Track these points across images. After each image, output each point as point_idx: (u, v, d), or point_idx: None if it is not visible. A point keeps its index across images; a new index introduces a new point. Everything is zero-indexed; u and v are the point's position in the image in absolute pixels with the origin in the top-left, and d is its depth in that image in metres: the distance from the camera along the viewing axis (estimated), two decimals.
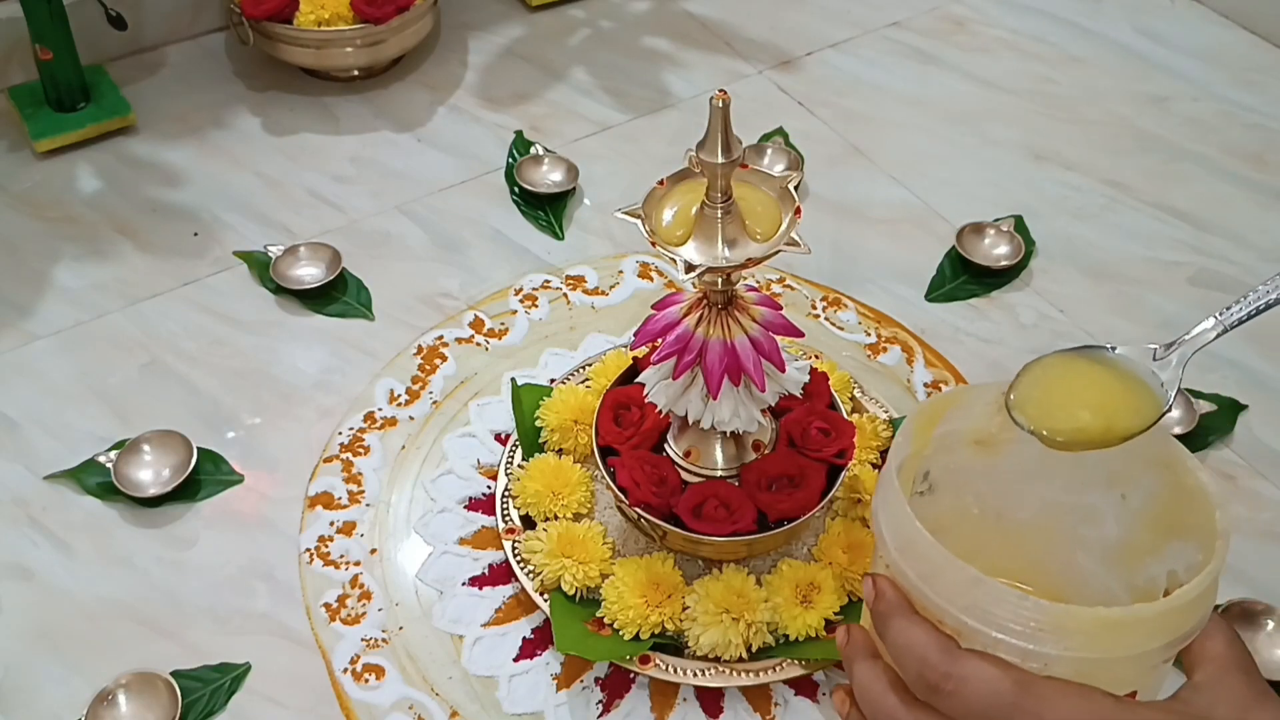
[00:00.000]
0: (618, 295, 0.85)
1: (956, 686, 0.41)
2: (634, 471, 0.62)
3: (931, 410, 0.49)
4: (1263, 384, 0.80)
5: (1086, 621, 0.41)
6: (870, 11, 1.15)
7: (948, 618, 0.43)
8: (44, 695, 0.62)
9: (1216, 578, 0.43)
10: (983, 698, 0.40)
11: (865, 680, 0.45)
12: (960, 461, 0.52)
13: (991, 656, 0.41)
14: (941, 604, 0.43)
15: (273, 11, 0.95)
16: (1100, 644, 0.41)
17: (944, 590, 0.43)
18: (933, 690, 0.42)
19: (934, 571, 0.43)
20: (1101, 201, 0.95)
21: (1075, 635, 0.41)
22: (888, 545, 0.46)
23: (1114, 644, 0.41)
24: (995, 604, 0.41)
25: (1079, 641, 0.41)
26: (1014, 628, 0.41)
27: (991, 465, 0.52)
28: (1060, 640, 0.41)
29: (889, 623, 0.44)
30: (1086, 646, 0.41)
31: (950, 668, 0.41)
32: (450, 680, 0.63)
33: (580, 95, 1.03)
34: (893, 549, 0.45)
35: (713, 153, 0.53)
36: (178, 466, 0.71)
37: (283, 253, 0.85)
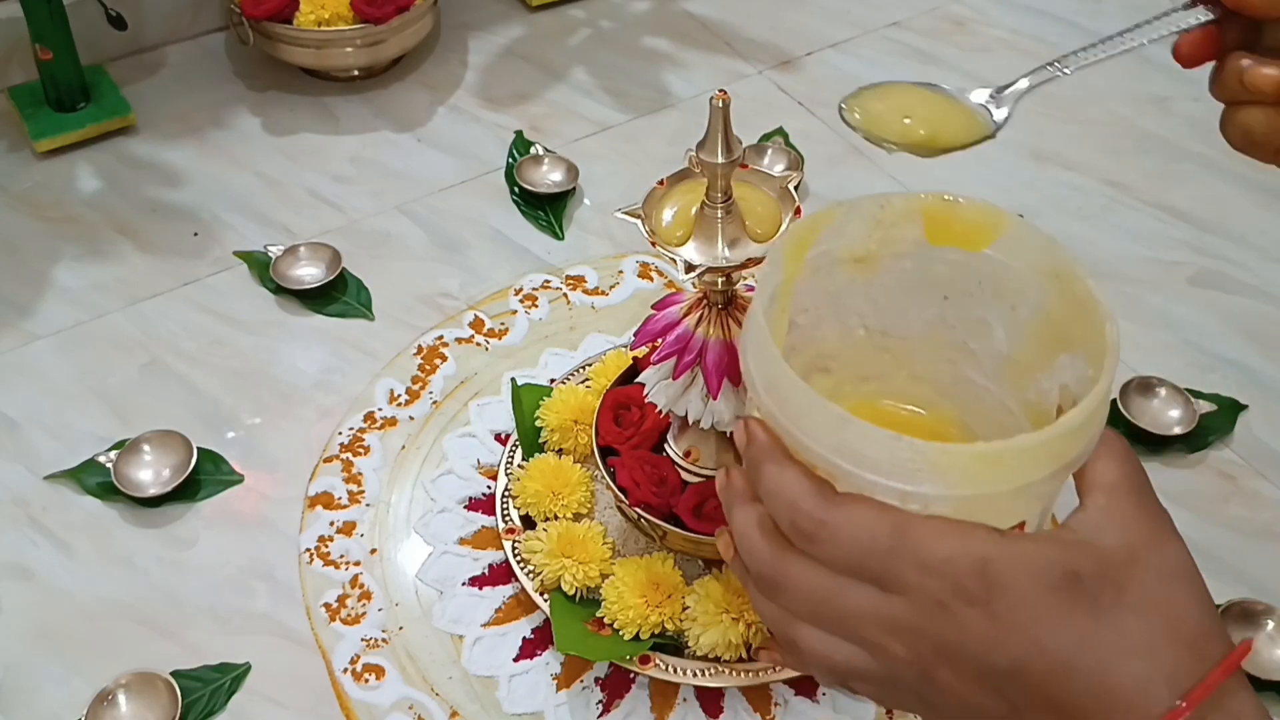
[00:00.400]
0: (618, 295, 0.85)
1: (831, 533, 0.39)
2: (634, 471, 0.63)
3: (802, 232, 0.46)
4: (1263, 384, 0.80)
5: (963, 458, 0.38)
6: (870, 11, 1.15)
7: (820, 461, 0.40)
8: (44, 695, 0.62)
9: (1105, 398, 0.41)
10: (858, 543, 0.39)
11: (742, 524, 0.43)
12: (838, 283, 0.49)
13: (868, 499, 0.39)
14: (813, 446, 0.40)
15: (273, 11, 0.95)
16: (980, 479, 0.39)
17: (814, 432, 0.40)
18: (807, 537, 0.40)
19: (801, 412, 0.40)
20: (1101, 201, 0.95)
21: (952, 473, 0.38)
22: (756, 386, 0.43)
23: (995, 478, 0.39)
24: (867, 445, 0.39)
25: (957, 479, 0.38)
26: (888, 469, 0.39)
27: (872, 283, 0.49)
28: (938, 479, 0.38)
29: (761, 468, 0.42)
30: (966, 483, 0.39)
31: (824, 514, 0.39)
32: (450, 680, 0.63)
33: (580, 95, 1.03)
34: (761, 390, 0.42)
35: (713, 153, 0.53)
36: (178, 466, 0.71)
37: (283, 253, 0.85)
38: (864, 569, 0.39)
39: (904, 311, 0.50)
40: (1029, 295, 0.47)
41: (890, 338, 0.51)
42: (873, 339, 0.51)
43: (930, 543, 0.38)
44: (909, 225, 0.48)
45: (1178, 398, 0.77)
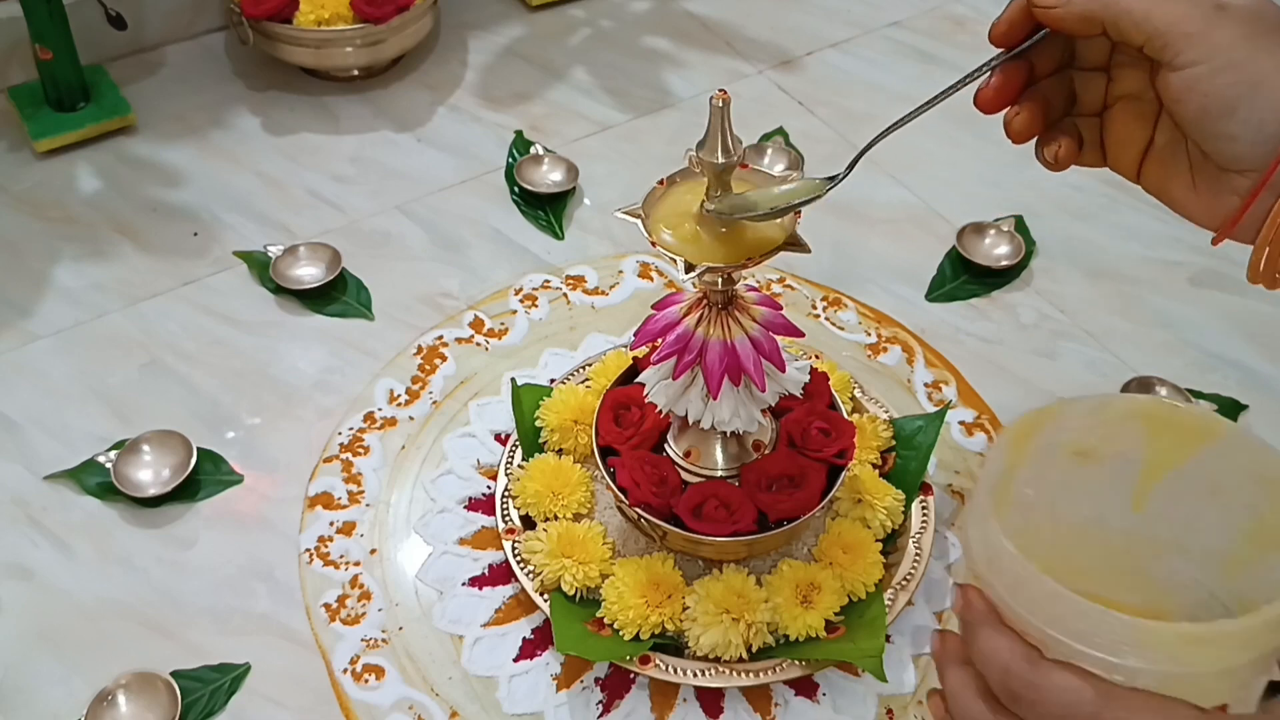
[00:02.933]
0: (618, 295, 0.85)
1: (1039, 695, 0.41)
2: (634, 471, 0.62)
3: (1027, 425, 0.50)
4: (1263, 384, 0.80)
5: (1166, 636, 0.41)
6: (870, 11, 1.15)
7: (1032, 629, 0.43)
8: (44, 695, 0.62)
9: None
10: (1064, 705, 0.41)
11: (955, 685, 0.46)
12: (1061, 472, 0.52)
13: (1075, 667, 0.42)
14: (1026, 616, 0.43)
15: (273, 11, 0.95)
16: (1183, 658, 0.41)
17: (1027, 603, 0.43)
18: (1015, 698, 0.42)
19: (1017, 584, 0.44)
20: (1101, 201, 0.95)
21: (1156, 650, 0.41)
22: (975, 558, 0.46)
23: (1197, 658, 0.41)
24: (1076, 617, 0.42)
25: (1161, 656, 0.41)
26: (1095, 640, 0.41)
27: (1093, 474, 0.52)
28: (1142, 654, 0.41)
29: (976, 631, 0.45)
30: (1169, 661, 0.41)
31: (1033, 676, 0.42)
32: (450, 680, 0.63)
33: (580, 95, 1.03)
34: (980, 561, 0.46)
35: (713, 153, 0.53)
36: (177, 466, 0.71)
37: (283, 253, 0.85)
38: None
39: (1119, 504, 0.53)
40: (1242, 497, 0.49)
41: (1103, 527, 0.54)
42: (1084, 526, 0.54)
43: (1135, 712, 0.40)
44: (1129, 425, 0.50)
45: (1178, 398, 0.77)
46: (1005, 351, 0.82)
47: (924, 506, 0.69)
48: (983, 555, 0.46)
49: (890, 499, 0.67)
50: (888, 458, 0.71)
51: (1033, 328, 0.84)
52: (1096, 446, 0.51)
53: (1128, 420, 0.50)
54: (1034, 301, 0.86)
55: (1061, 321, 0.85)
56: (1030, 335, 0.83)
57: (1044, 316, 0.85)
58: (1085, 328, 0.84)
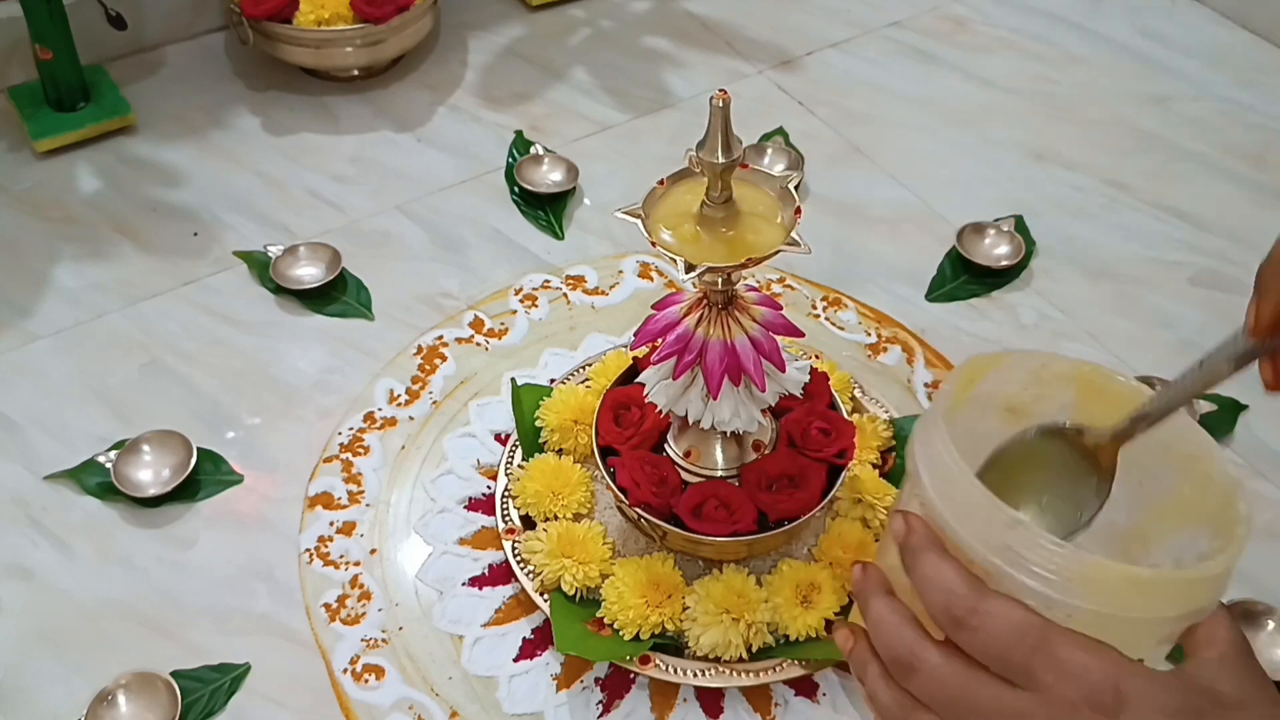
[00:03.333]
0: (618, 295, 0.85)
1: (982, 621, 0.41)
2: (634, 471, 0.62)
3: (976, 366, 0.49)
4: (1263, 384, 0.80)
5: (1117, 577, 0.41)
6: (870, 11, 1.15)
7: (978, 558, 0.43)
8: (44, 695, 0.62)
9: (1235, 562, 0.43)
10: (1006, 635, 0.41)
11: (882, 613, 0.45)
12: (986, 426, 0.51)
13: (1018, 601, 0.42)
14: (974, 544, 0.43)
15: (273, 11, 0.95)
16: (1126, 601, 0.41)
17: (978, 531, 0.43)
18: (957, 623, 0.42)
19: (970, 511, 0.43)
20: (1102, 201, 0.95)
21: (1103, 589, 0.41)
22: (924, 483, 0.46)
23: (1139, 604, 0.42)
24: (1029, 548, 0.41)
25: (1106, 597, 0.41)
26: (1044, 575, 0.41)
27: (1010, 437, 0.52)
28: (1088, 593, 0.41)
29: (919, 556, 0.44)
30: (1112, 602, 0.41)
31: (977, 603, 0.42)
32: (450, 680, 0.63)
33: (580, 95, 1.03)
34: (929, 487, 0.45)
35: (713, 153, 0.53)
36: (177, 466, 0.71)
37: (283, 253, 0.85)
38: (1005, 660, 0.41)
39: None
40: (1159, 473, 0.49)
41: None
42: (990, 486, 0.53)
43: (1073, 649, 0.41)
44: (1063, 388, 0.50)
45: None
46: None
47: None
48: (932, 481, 0.45)
49: (890, 499, 0.67)
50: (888, 458, 0.71)
51: (1033, 328, 0.84)
52: (1027, 404, 0.51)
53: (1062, 382, 0.50)
54: (1034, 301, 0.86)
55: (1061, 321, 0.84)
56: (1030, 335, 0.83)
57: (1044, 316, 0.85)
58: (1085, 328, 0.84)
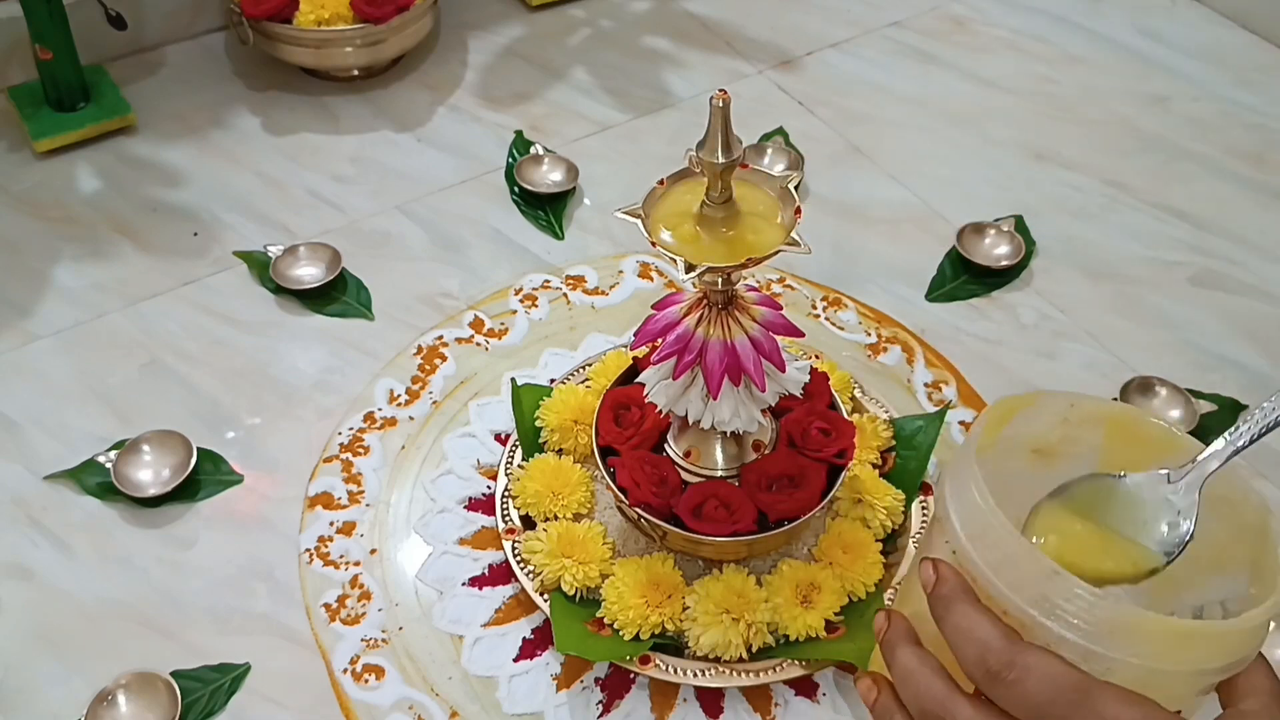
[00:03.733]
0: (618, 295, 0.85)
1: (1019, 675, 0.40)
2: (634, 471, 0.62)
3: (1005, 408, 0.48)
4: (1263, 384, 0.80)
5: (1159, 629, 0.40)
6: (870, 11, 1.15)
7: (1013, 609, 0.41)
8: (44, 695, 0.62)
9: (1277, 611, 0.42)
10: (1044, 690, 0.40)
11: (910, 665, 0.44)
12: (1014, 467, 0.50)
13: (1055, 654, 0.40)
14: (1009, 595, 0.42)
15: (273, 11, 0.95)
16: (1167, 654, 0.40)
17: (1014, 581, 0.42)
18: (993, 677, 0.41)
19: (1006, 560, 0.42)
20: (1101, 201, 0.95)
21: (1144, 642, 0.40)
22: (956, 530, 0.44)
23: (1180, 656, 0.40)
24: (1068, 600, 0.40)
25: (1147, 649, 0.40)
26: (1083, 627, 0.40)
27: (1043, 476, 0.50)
28: (1129, 645, 0.40)
29: (952, 607, 0.43)
30: (1153, 655, 0.40)
31: (1014, 656, 0.40)
32: (450, 680, 0.63)
33: (580, 95, 1.03)
34: (962, 534, 0.44)
35: (713, 153, 0.53)
36: (177, 466, 0.71)
37: (283, 253, 0.85)
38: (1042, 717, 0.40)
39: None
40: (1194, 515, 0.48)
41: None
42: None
43: (1113, 704, 0.39)
44: (1091, 429, 0.49)
45: (1178, 398, 0.77)
46: (1005, 351, 0.82)
47: (924, 506, 0.69)
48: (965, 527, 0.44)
49: (890, 499, 0.67)
50: (888, 458, 0.71)
51: (1033, 328, 0.84)
52: (1054, 446, 0.50)
53: (1090, 423, 0.49)
54: (1034, 301, 0.86)
55: (1061, 321, 0.85)
56: (1030, 335, 0.83)
57: (1044, 316, 0.85)
58: (1085, 328, 0.84)
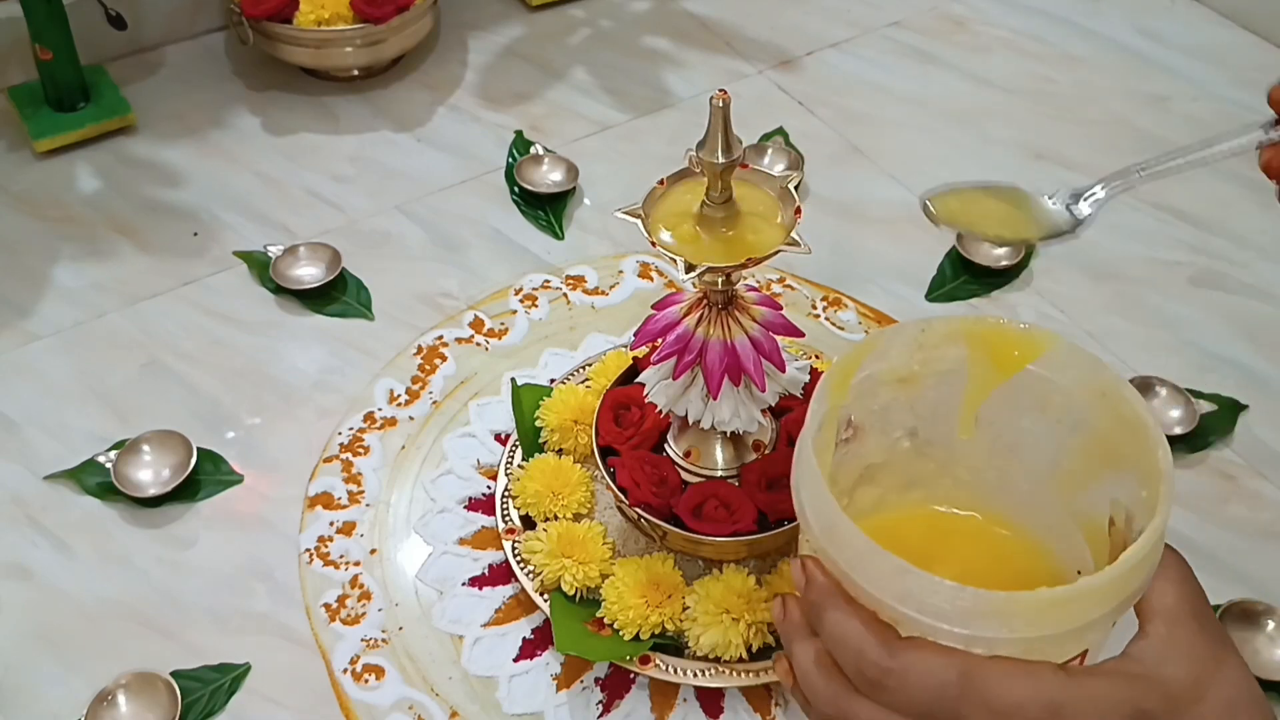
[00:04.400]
0: (618, 295, 0.85)
1: (898, 681, 0.39)
2: (634, 471, 0.62)
3: (847, 363, 0.48)
4: (1263, 384, 0.80)
5: (1030, 605, 0.39)
6: (870, 11, 1.15)
7: (883, 606, 0.41)
8: (44, 695, 0.62)
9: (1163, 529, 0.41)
10: (926, 690, 0.39)
11: (804, 663, 0.43)
12: (883, 400, 0.50)
13: (932, 644, 0.39)
14: (873, 593, 0.41)
15: (272, 11, 0.95)
16: (1046, 622, 0.39)
17: (874, 579, 0.41)
18: (875, 686, 0.40)
19: (860, 559, 0.41)
20: None
21: (1018, 618, 0.39)
22: (812, 528, 0.43)
23: (1060, 620, 0.39)
24: (929, 593, 0.39)
25: (1023, 623, 0.39)
26: (952, 616, 0.39)
27: (917, 398, 0.50)
28: (1003, 624, 0.39)
29: (823, 613, 0.42)
30: (1031, 627, 0.39)
31: (890, 661, 0.39)
32: (450, 680, 0.63)
33: (580, 95, 1.03)
34: (818, 534, 0.43)
35: (713, 153, 0.53)
36: (177, 466, 0.71)
37: (282, 253, 0.85)
38: (932, 716, 0.39)
39: (949, 423, 0.51)
40: (1074, 412, 0.48)
41: (935, 446, 0.52)
42: (917, 448, 0.52)
43: (999, 687, 0.38)
44: (951, 346, 0.49)
45: (1178, 398, 0.77)
46: None
47: None
48: (819, 527, 0.43)
49: None
50: None
51: None
52: (917, 371, 0.49)
53: (949, 341, 0.49)
54: (1034, 302, 0.86)
55: (1061, 321, 0.85)
56: None
57: (1044, 316, 0.85)
58: (1085, 328, 0.84)
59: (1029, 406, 0.49)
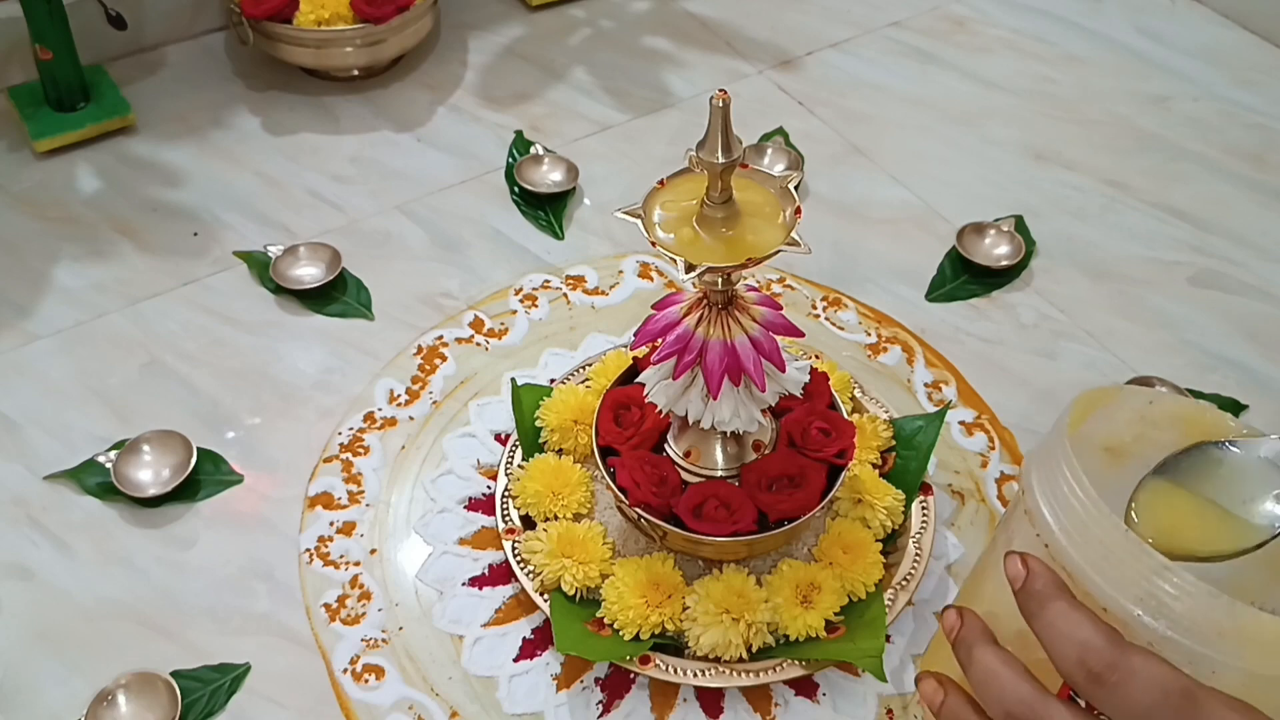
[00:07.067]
0: (618, 295, 0.85)
1: (1123, 678, 0.38)
2: (634, 471, 0.62)
3: (1089, 400, 0.46)
4: (1263, 384, 0.80)
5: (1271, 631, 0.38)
6: (870, 11, 1.15)
7: (1114, 606, 0.39)
8: (44, 695, 0.62)
9: None
10: (1150, 695, 0.37)
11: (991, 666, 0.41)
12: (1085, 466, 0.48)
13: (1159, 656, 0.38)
14: (1110, 592, 0.39)
15: (273, 11, 0.95)
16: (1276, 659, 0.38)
17: (1117, 577, 0.39)
18: (1095, 679, 0.38)
19: (1108, 556, 0.39)
20: (1101, 201, 0.95)
21: (1255, 645, 0.38)
22: (1049, 524, 0.42)
23: None
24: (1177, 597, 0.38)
25: (1256, 653, 0.38)
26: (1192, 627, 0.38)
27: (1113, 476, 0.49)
28: (1238, 648, 0.38)
29: (1046, 604, 0.40)
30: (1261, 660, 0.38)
31: (1118, 658, 0.38)
32: (450, 680, 0.63)
33: (580, 95, 1.03)
34: (1056, 530, 0.41)
35: (713, 153, 0.53)
36: (178, 466, 0.71)
37: (283, 253, 0.85)
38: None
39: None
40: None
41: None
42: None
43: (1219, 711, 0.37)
44: (1168, 428, 0.47)
45: (1178, 397, 0.77)
46: (1005, 351, 0.82)
47: (924, 506, 0.69)
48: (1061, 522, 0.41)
49: (890, 499, 0.67)
50: (888, 458, 0.71)
51: (1033, 328, 0.84)
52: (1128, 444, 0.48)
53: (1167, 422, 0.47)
54: (1034, 301, 0.86)
55: (1061, 321, 0.85)
56: (1030, 335, 0.83)
57: (1044, 316, 0.85)
58: (1085, 328, 0.84)
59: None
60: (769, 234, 0.56)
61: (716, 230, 0.55)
